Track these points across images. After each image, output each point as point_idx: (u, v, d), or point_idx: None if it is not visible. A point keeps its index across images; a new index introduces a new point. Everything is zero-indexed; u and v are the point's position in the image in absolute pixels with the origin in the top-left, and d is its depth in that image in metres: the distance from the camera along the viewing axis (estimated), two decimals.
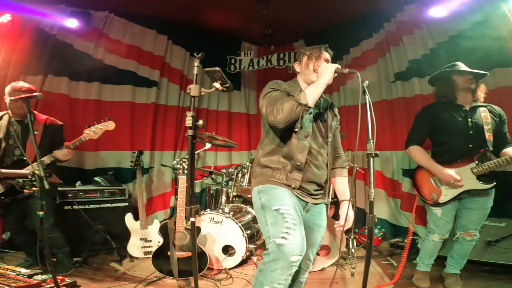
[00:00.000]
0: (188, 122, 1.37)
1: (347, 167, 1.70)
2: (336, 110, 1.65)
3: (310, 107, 1.34)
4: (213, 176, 3.31)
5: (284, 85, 1.51)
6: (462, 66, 2.07)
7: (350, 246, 2.72)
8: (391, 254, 2.94)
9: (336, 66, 1.41)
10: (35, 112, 2.45)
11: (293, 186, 1.41)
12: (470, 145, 2.00)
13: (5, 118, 2.29)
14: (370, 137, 1.31)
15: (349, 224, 1.57)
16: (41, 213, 1.71)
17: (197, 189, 3.82)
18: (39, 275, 1.95)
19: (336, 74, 1.40)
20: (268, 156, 1.47)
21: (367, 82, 1.39)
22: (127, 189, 3.06)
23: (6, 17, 2.88)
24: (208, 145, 2.84)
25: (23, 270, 1.99)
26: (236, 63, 3.85)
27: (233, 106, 4.22)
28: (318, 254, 2.54)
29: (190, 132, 1.38)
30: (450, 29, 2.88)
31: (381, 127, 3.35)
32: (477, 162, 1.96)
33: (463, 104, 2.05)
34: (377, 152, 1.32)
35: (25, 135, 2.29)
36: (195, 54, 1.42)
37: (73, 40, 3.25)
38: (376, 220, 1.36)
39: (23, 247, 2.50)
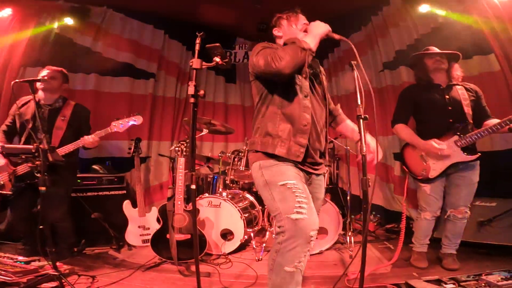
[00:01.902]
0: (191, 90, 1.44)
1: (342, 113, 1.69)
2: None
3: (313, 51, 1.30)
4: (209, 165, 3.37)
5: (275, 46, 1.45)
6: (433, 49, 2.21)
7: (347, 230, 2.77)
8: (387, 239, 2.99)
9: (328, 27, 1.40)
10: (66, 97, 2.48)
11: (296, 159, 1.31)
12: (450, 120, 2.10)
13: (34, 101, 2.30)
14: (359, 102, 1.42)
15: (380, 155, 1.41)
16: (43, 188, 1.74)
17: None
18: (37, 262, 1.97)
19: (326, 36, 1.39)
20: (268, 121, 1.37)
21: (355, 62, 1.51)
22: (125, 177, 3.09)
23: (6, 12, 2.94)
24: (205, 131, 2.91)
25: (20, 258, 2.00)
26: (231, 56, 3.99)
27: (229, 98, 4.34)
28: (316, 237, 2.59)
29: (192, 99, 1.46)
30: (432, 21, 3.06)
31: (371, 113, 3.47)
32: (459, 135, 2.07)
33: (440, 83, 2.18)
34: (366, 116, 1.43)
35: (51, 119, 2.31)
36: (197, 33, 1.47)
37: (72, 34, 3.33)
38: (369, 183, 1.39)
39: (23, 235, 2.46)
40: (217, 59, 1.58)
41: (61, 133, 2.29)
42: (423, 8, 3.03)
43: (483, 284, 1.68)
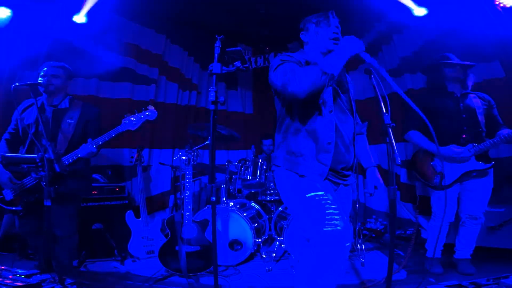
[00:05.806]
0: (212, 96, 1.40)
1: (365, 133, 1.63)
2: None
3: (335, 76, 1.21)
4: None
5: (296, 56, 1.36)
6: (453, 57, 2.22)
7: (357, 237, 2.73)
8: (395, 246, 2.96)
9: (362, 46, 1.28)
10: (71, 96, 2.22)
11: (319, 177, 1.28)
12: (465, 127, 2.12)
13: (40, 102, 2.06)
14: (384, 111, 1.39)
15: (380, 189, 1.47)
16: (47, 201, 1.62)
17: (196, 188, 3.79)
18: (38, 275, 1.82)
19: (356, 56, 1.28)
20: (290, 137, 1.34)
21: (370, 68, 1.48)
22: (126, 187, 2.98)
23: (6, 14, 2.82)
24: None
25: (20, 271, 1.85)
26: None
27: (230, 105, 4.30)
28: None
29: (212, 106, 1.40)
30: (436, 28, 3.08)
31: (376, 121, 3.47)
32: (473, 143, 2.07)
33: (454, 91, 2.20)
34: (393, 123, 1.39)
35: (56, 123, 2.03)
36: (216, 36, 1.46)
37: (72, 38, 3.21)
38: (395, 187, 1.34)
39: (34, 250, 2.27)
40: (238, 64, 1.54)
41: (68, 138, 2.03)
42: (427, 15, 3.07)
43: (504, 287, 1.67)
